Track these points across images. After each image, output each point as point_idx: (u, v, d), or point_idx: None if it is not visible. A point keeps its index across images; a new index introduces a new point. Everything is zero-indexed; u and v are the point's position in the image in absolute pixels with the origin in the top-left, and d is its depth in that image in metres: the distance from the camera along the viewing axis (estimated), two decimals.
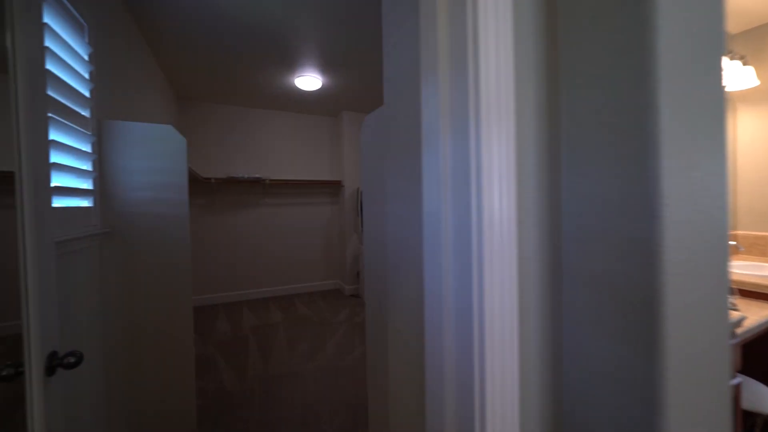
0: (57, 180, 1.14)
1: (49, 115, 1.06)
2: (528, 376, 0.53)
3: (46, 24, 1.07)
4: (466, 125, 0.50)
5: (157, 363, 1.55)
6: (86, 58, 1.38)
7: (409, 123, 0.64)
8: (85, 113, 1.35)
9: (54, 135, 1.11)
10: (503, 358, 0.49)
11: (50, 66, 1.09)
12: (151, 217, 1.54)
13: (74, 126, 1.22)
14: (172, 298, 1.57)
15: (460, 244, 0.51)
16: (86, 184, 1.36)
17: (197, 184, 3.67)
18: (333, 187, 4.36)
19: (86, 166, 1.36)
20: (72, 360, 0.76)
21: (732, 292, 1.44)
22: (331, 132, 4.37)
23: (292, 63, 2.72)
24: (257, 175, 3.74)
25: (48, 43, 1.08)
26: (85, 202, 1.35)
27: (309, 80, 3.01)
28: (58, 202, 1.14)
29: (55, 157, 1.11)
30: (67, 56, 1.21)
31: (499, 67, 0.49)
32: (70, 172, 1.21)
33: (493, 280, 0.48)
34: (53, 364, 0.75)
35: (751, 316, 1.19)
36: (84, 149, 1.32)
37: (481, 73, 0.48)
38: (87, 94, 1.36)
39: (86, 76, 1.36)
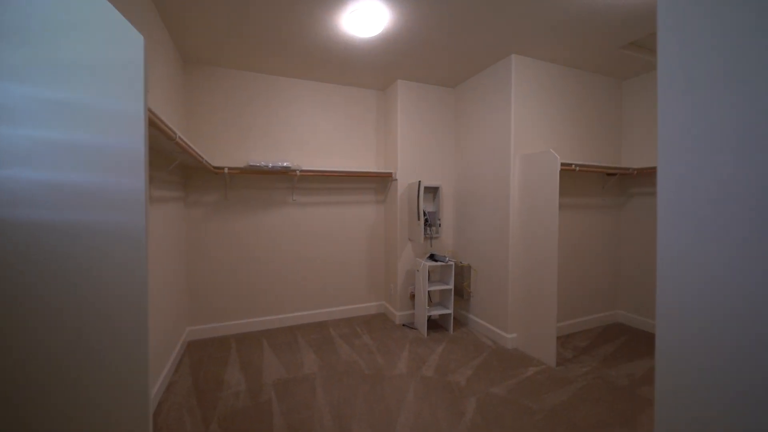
0: None
1: None
2: None
3: None
4: None
5: None
6: None
7: None
8: None
9: None
10: None
11: None
12: (60, 227, 0.58)
13: None
14: (104, 393, 0.62)
15: None
16: None
17: (206, 174, 2.75)
18: (381, 181, 3.37)
19: None
20: None
21: None
22: (380, 109, 3.37)
23: None
24: (285, 164, 2.79)
25: None
26: None
27: (367, 15, 2.00)
28: None
29: None
30: None
31: None
32: None
33: None
34: None
35: None
36: None
37: None
38: None
39: None
